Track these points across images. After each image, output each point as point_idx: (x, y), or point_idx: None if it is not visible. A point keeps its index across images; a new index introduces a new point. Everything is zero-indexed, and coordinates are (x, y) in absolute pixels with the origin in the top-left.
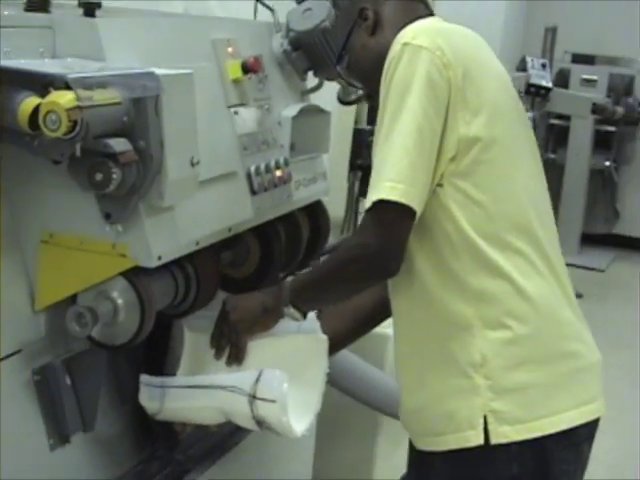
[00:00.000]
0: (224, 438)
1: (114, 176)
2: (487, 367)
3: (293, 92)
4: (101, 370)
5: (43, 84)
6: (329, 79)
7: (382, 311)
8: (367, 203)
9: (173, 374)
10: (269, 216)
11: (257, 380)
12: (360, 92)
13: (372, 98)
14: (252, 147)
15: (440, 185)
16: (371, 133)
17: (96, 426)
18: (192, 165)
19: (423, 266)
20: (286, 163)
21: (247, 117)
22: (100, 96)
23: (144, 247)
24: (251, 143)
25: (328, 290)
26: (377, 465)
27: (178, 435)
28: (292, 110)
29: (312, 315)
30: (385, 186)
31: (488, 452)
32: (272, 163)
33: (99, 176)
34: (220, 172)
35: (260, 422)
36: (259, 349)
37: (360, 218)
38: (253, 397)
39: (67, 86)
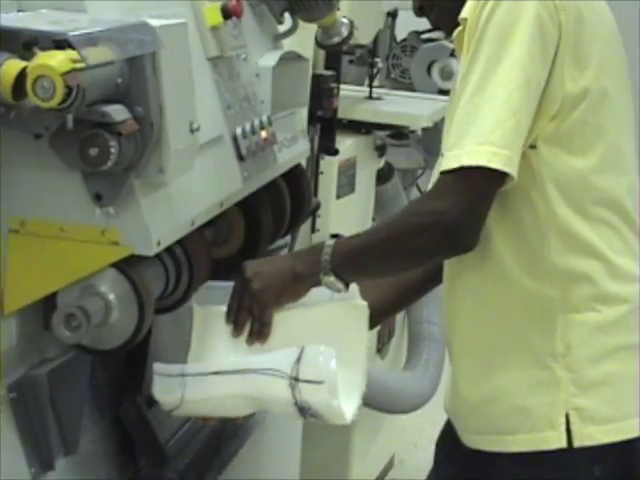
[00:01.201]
0: (212, 445)
1: (112, 150)
2: (571, 357)
3: (266, 37)
4: (84, 381)
5: (25, 43)
6: (308, 20)
7: (432, 281)
8: (451, 163)
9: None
10: (257, 184)
11: (299, 359)
12: (345, 34)
13: (424, 11)
14: (235, 105)
15: (533, 147)
16: (334, 79)
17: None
18: (192, 132)
19: (500, 241)
20: (269, 122)
21: (226, 70)
22: (94, 56)
23: (142, 232)
24: (233, 101)
25: (384, 261)
26: (353, 461)
27: (163, 447)
28: (270, 59)
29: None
30: (485, 150)
31: (567, 455)
32: (256, 122)
33: (94, 151)
34: (208, 137)
35: (304, 409)
36: (286, 322)
37: (321, 179)
38: (295, 379)
39: (57, 45)
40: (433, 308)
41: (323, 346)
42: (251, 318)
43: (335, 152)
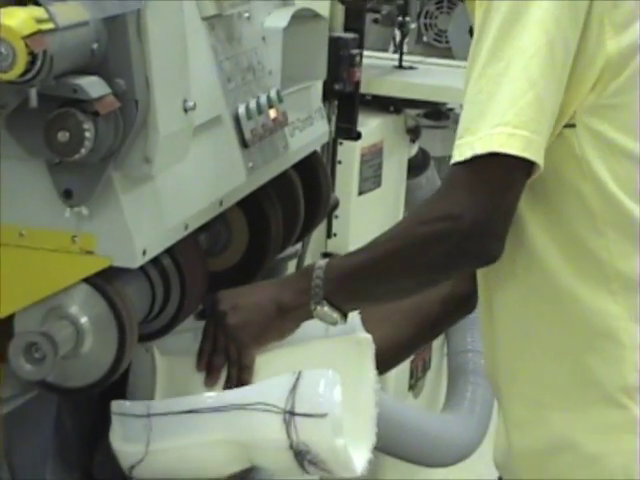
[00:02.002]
0: None
1: (86, 134)
2: None
3: None
4: (48, 427)
5: None
6: None
7: (458, 309)
8: (463, 152)
9: None
10: (265, 177)
11: (294, 387)
12: None
13: None
14: (236, 77)
15: (572, 126)
16: (356, 44)
17: None
18: (185, 111)
19: (546, 246)
20: (279, 98)
21: (226, 33)
22: (64, 14)
23: (123, 238)
24: (234, 72)
25: (388, 282)
26: None
27: None
28: (280, 18)
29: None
30: (499, 133)
31: None
32: (263, 99)
33: (64, 135)
34: (205, 118)
35: (301, 453)
36: (271, 366)
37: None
38: (291, 413)
39: (18, 1)
40: (478, 333)
41: (329, 370)
42: (228, 362)
43: (357, 136)
